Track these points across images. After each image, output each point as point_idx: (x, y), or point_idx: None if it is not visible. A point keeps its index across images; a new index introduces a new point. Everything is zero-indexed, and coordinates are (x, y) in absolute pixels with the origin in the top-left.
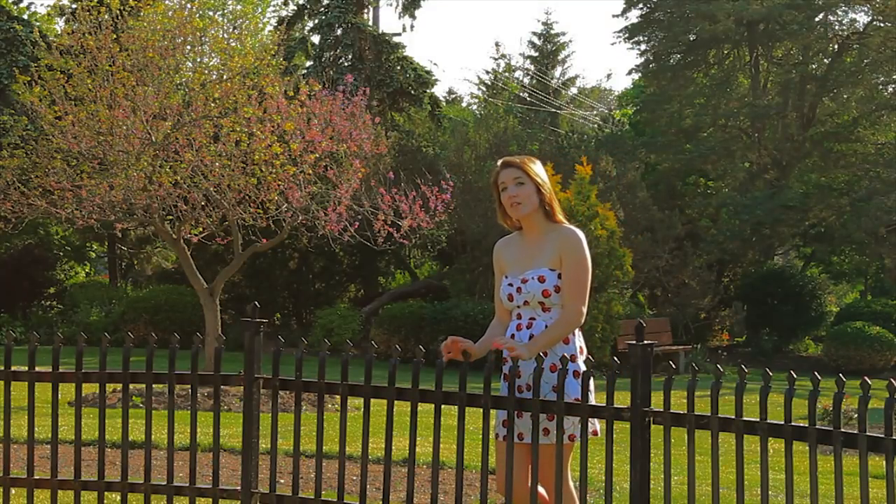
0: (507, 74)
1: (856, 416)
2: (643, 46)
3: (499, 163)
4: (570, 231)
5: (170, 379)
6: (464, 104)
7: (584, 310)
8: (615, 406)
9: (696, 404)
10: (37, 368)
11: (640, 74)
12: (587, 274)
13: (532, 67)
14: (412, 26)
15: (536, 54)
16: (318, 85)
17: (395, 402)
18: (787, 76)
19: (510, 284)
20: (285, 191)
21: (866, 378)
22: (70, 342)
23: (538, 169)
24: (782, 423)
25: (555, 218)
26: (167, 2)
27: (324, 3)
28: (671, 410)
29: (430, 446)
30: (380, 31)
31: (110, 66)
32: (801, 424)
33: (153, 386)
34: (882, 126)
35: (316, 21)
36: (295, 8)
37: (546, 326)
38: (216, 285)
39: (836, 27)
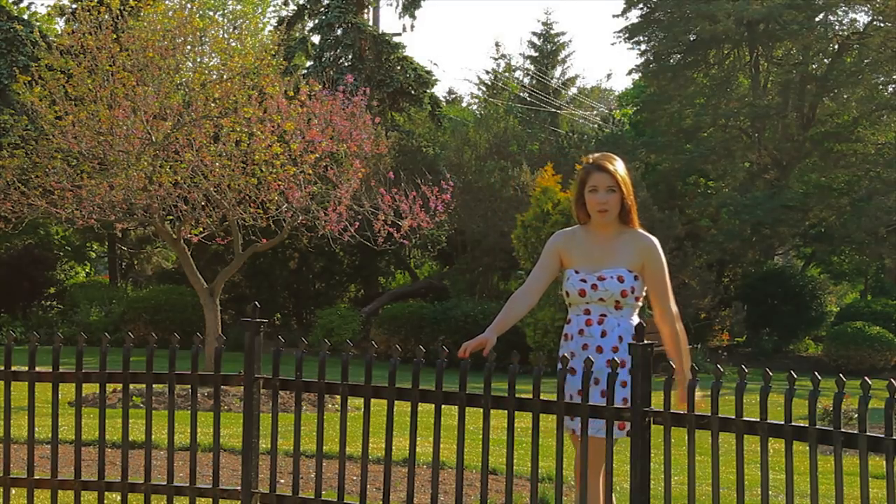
0: (507, 74)
1: (856, 416)
2: (643, 46)
3: (591, 162)
4: (650, 238)
5: (170, 379)
6: (464, 104)
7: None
8: (615, 406)
9: (696, 404)
10: (37, 368)
11: (640, 74)
12: (667, 276)
13: (532, 67)
14: (412, 26)
15: (536, 54)
16: (319, 85)
17: (396, 402)
18: (787, 76)
19: (583, 280)
20: (285, 191)
21: (866, 378)
22: (70, 342)
23: (625, 174)
24: (782, 423)
25: (631, 223)
26: (167, 2)
27: (324, 3)
28: (671, 410)
29: (430, 446)
30: (380, 31)
31: (110, 66)
32: (801, 424)
33: (153, 386)
34: (882, 126)
35: (316, 21)
36: (295, 8)
37: (618, 324)
38: (216, 285)
39: (836, 27)
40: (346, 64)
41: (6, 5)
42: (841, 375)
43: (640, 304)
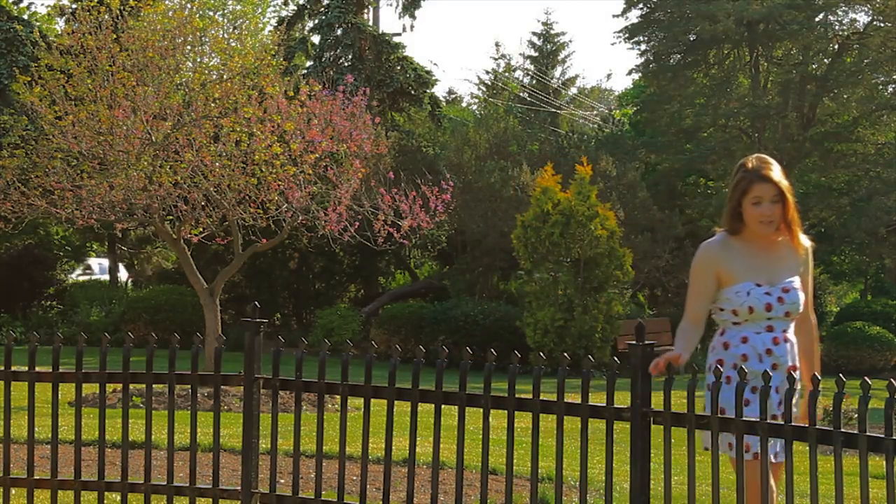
0: (507, 74)
1: (856, 416)
2: (643, 46)
3: (751, 169)
4: (808, 241)
5: (170, 379)
6: (464, 104)
7: None
8: (615, 406)
9: (696, 404)
10: (37, 368)
11: (640, 74)
12: None
13: (532, 67)
14: (412, 26)
15: (536, 54)
16: (319, 85)
17: (396, 402)
18: (787, 76)
19: (767, 293)
20: (285, 191)
21: (866, 378)
22: (70, 342)
23: (787, 182)
24: (782, 423)
25: (790, 230)
26: (167, 2)
27: (324, 3)
28: (671, 410)
29: (430, 446)
30: (380, 31)
31: (110, 66)
32: (802, 424)
33: (153, 386)
34: (882, 126)
35: (316, 21)
36: (295, 8)
37: (794, 338)
38: (216, 285)
39: (836, 27)
40: (346, 64)
41: (6, 5)
42: (841, 375)
43: None
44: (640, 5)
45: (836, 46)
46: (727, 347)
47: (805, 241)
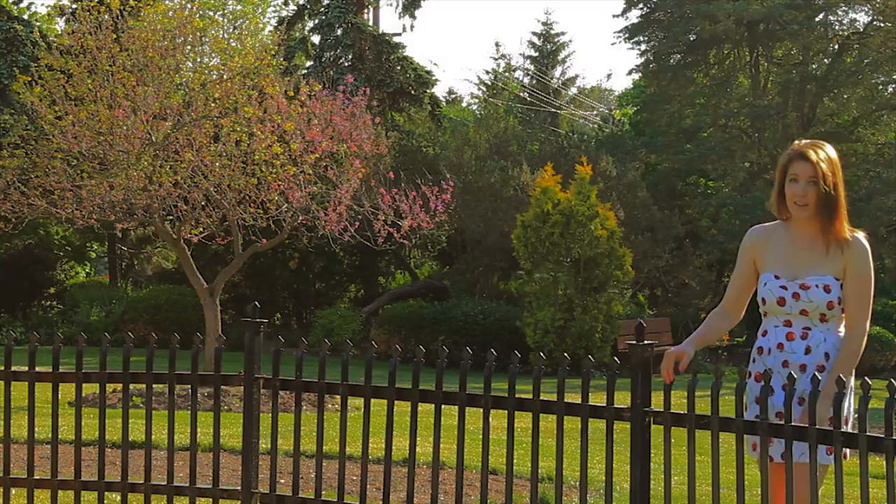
0: (507, 74)
1: (856, 416)
2: (643, 46)
3: (795, 148)
4: (858, 238)
5: (170, 379)
6: (464, 104)
7: (868, 327)
8: (615, 406)
9: (697, 404)
10: (37, 368)
11: (640, 74)
12: (872, 288)
13: (532, 67)
14: (412, 26)
15: (536, 54)
16: (319, 85)
17: (396, 402)
18: (787, 76)
19: (783, 287)
20: (285, 191)
21: (866, 378)
22: (70, 342)
23: (830, 166)
24: (782, 423)
25: (835, 221)
26: (167, 2)
27: (324, 3)
28: (671, 410)
29: (430, 446)
30: (380, 31)
31: (110, 66)
32: (802, 425)
33: (153, 386)
34: (882, 126)
35: (316, 21)
36: (295, 8)
37: (824, 338)
38: (216, 285)
39: (836, 27)
40: (346, 64)
41: (6, 5)
42: (841, 375)
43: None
44: (640, 5)
45: (836, 46)
46: (757, 341)
47: (851, 238)
